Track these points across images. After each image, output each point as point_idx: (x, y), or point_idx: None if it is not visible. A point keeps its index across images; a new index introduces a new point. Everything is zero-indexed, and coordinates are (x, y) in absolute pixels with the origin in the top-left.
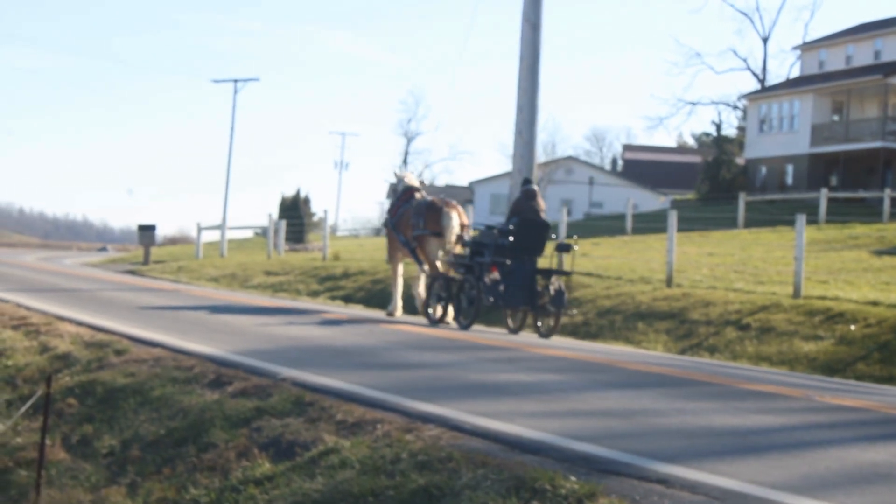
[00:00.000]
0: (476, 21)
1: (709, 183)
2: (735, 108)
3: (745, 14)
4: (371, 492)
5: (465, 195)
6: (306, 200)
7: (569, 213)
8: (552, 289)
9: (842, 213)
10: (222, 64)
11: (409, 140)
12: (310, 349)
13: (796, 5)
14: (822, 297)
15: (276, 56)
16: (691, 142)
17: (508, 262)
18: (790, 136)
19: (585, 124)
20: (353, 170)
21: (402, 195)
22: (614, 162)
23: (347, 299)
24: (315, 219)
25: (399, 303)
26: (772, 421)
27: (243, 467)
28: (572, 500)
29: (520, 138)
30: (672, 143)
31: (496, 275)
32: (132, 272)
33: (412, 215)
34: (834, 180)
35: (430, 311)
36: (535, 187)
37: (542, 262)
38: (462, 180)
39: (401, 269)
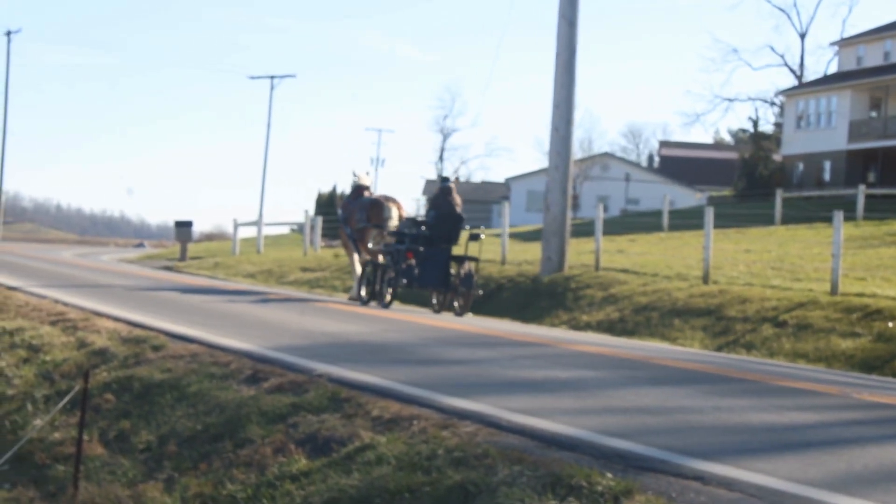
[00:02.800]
0: (512, 18)
1: (745, 179)
2: (772, 104)
3: (782, 10)
4: (407, 488)
5: (501, 191)
6: (342, 196)
7: (605, 209)
8: (462, 272)
9: (880, 209)
10: (259, 61)
11: (446, 136)
12: (345, 345)
13: (834, 1)
14: (860, 294)
15: (312, 53)
16: (728, 138)
17: (422, 248)
18: (828, 132)
19: (622, 121)
20: (389, 166)
21: (353, 193)
22: (651, 158)
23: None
24: None
25: (358, 289)
26: (809, 418)
27: (279, 463)
28: (608, 496)
29: (556, 134)
30: (709, 140)
31: (412, 260)
32: (169, 268)
33: (357, 210)
34: (872, 177)
35: (362, 292)
36: (452, 185)
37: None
38: (498, 177)
39: (357, 257)
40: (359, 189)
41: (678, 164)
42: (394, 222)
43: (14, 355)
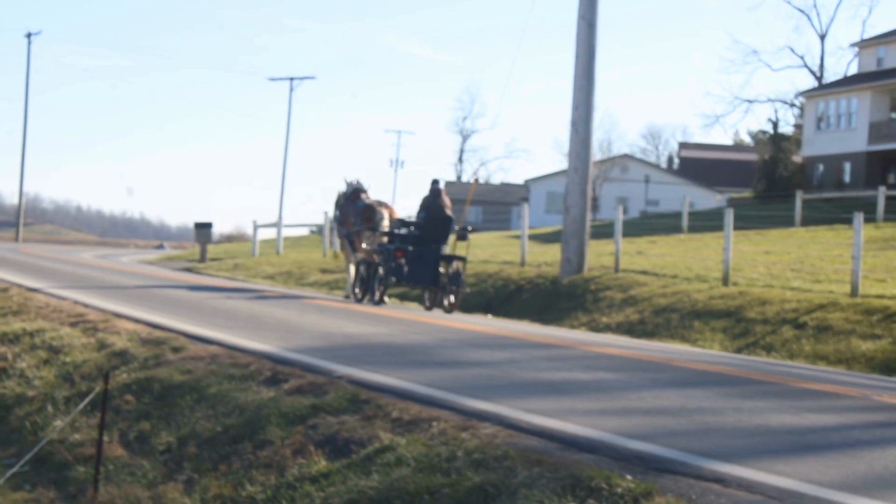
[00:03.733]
0: (532, 19)
1: (765, 181)
2: (792, 105)
3: (802, 11)
4: (427, 490)
5: (520, 193)
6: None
7: (624, 211)
8: (451, 270)
9: None
10: (277, 62)
11: (465, 138)
12: (365, 346)
13: (854, 2)
14: (880, 296)
15: (330, 55)
16: (748, 140)
17: (411, 248)
18: (848, 133)
19: (641, 122)
20: (409, 168)
21: (349, 196)
22: (670, 160)
23: (403, 297)
24: None
25: (354, 287)
26: (829, 420)
27: (299, 465)
28: (628, 498)
29: (576, 136)
30: (728, 141)
31: (402, 259)
32: (189, 269)
33: (352, 214)
34: (892, 178)
35: (356, 290)
36: (441, 187)
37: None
38: (518, 178)
39: (351, 258)
40: (355, 192)
41: (698, 166)
42: (386, 225)
43: (34, 356)
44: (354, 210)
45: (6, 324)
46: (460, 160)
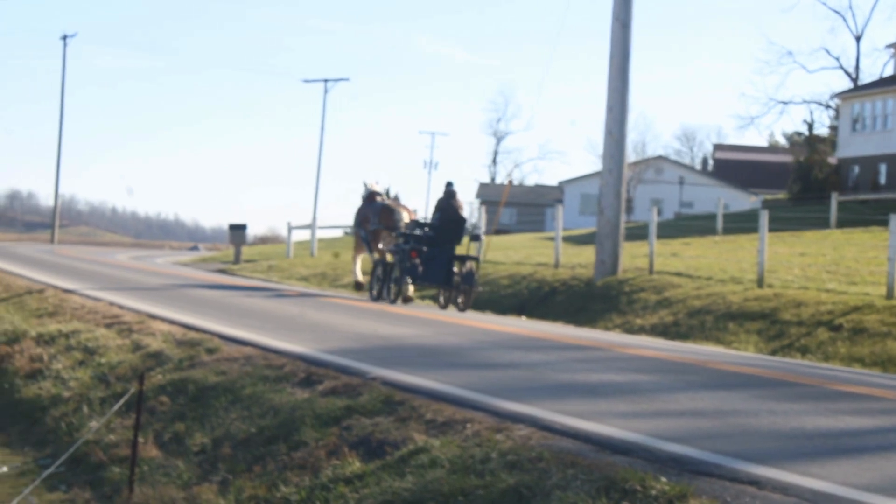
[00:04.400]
0: (566, 21)
1: (800, 183)
2: (827, 107)
3: (837, 12)
4: (461, 491)
5: (554, 195)
6: (396, 199)
7: (659, 212)
8: (464, 270)
9: None
10: (311, 64)
11: (499, 140)
12: (399, 348)
13: (890, 3)
14: None
15: (364, 57)
16: (783, 141)
17: (425, 248)
18: (883, 135)
19: (676, 124)
20: (443, 169)
21: (367, 199)
22: (705, 162)
23: (436, 299)
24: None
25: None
26: (864, 423)
27: (333, 466)
28: (663, 501)
29: (610, 138)
30: (763, 143)
31: (416, 259)
32: (223, 271)
33: (371, 214)
34: None
35: (375, 290)
36: (455, 189)
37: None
38: (552, 180)
39: (360, 258)
40: (371, 195)
41: (732, 168)
42: (404, 225)
43: (70, 357)
44: (373, 211)
45: (42, 325)
46: (494, 162)
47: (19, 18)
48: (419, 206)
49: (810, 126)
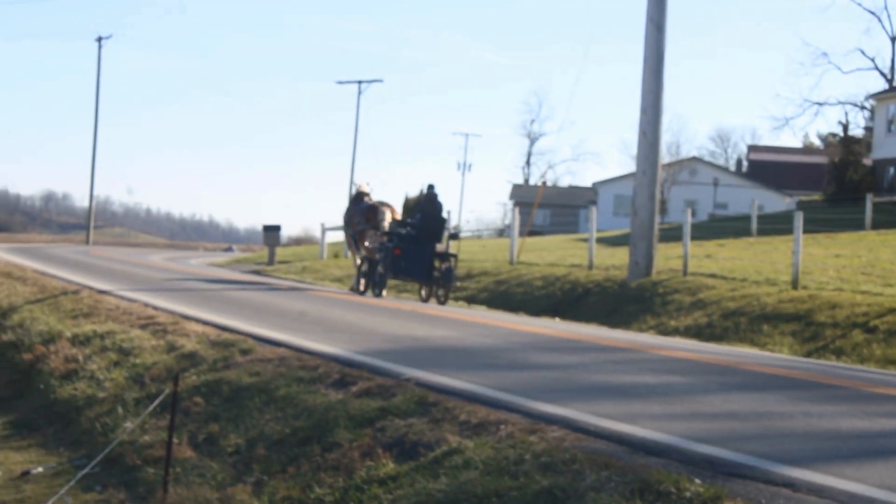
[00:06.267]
0: (599, 21)
1: (835, 184)
2: (862, 108)
3: (872, 13)
4: (495, 493)
5: (588, 196)
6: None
7: (693, 214)
8: (443, 267)
9: None
10: (343, 65)
11: (533, 141)
12: (432, 349)
13: None
14: None
15: (396, 59)
16: (817, 142)
17: (408, 246)
18: None
19: (710, 125)
20: (476, 171)
21: (354, 200)
22: (739, 163)
23: (470, 300)
24: None
25: (359, 281)
26: None
27: (367, 467)
28: (697, 503)
29: (644, 139)
30: (798, 144)
31: (399, 256)
32: (257, 272)
33: (357, 214)
34: None
35: (361, 285)
36: (436, 192)
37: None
38: (585, 181)
39: (358, 255)
40: (359, 196)
41: (767, 169)
42: (387, 224)
43: (105, 358)
44: (358, 211)
45: (77, 326)
46: (528, 163)
47: (55, 20)
48: (452, 207)
49: (845, 127)
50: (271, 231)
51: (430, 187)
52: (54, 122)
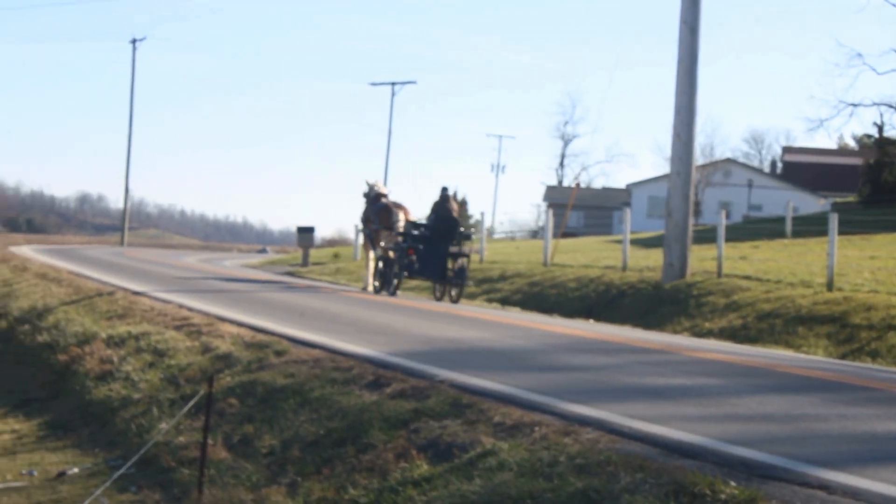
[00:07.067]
0: (632, 23)
1: (870, 185)
2: None
3: None
4: (529, 494)
5: (622, 197)
6: (463, 202)
7: (727, 215)
8: (456, 266)
9: None
10: (377, 67)
11: (566, 142)
12: (466, 351)
13: None
14: None
15: (429, 60)
16: (852, 144)
17: (421, 246)
18: None
19: (744, 126)
20: (510, 172)
21: (372, 200)
22: (774, 164)
23: (504, 302)
24: (472, 221)
25: (370, 280)
26: None
27: (402, 468)
28: None
29: (678, 140)
30: (833, 145)
31: (413, 256)
32: (291, 273)
33: (372, 214)
34: None
35: (377, 283)
36: (448, 194)
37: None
38: (619, 182)
39: (371, 254)
40: (377, 196)
41: (802, 170)
42: (401, 225)
43: (140, 359)
44: (374, 211)
45: (112, 327)
46: (562, 164)
47: (90, 22)
48: (486, 208)
49: (880, 128)
50: (305, 232)
51: (444, 189)
52: (89, 123)
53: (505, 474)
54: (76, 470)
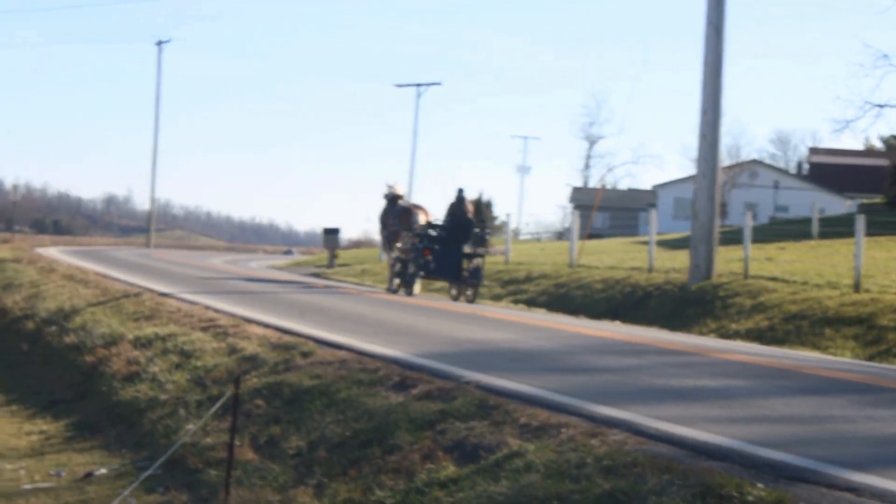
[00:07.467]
0: (657, 24)
1: None
2: None
3: None
4: (556, 496)
5: (647, 199)
6: (489, 204)
7: (753, 217)
8: (472, 266)
9: None
10: (401, 69)
11: (592, 144)
12: (492, 352)
13: None
14: None
15: (454, 62)
16: (879, 145)
17: (437, 247)
18: None
19: (770, 128)
20: (535, 173)
21: (390, 202)
22: (800, 165)
23: (530, 303)
24: (497, 222)
25: (392, 280)
26: None
27: (428, 469)
28: None
29: (704, 141)
30: (859, 146)
31: (429, 256)
32: (317, 275)
33: (392, 216)
34: None
35: (394, 283)
36: (464, 195)
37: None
38: (645, 184)
39: (388, 255)
40: (394, 198)
41: (828, 171)
42: (420, 226)
43: (167, 361)
44: (394, 213)
45: (139, 328)
46: (587, 166)
47: (116, 25)
48: (511, 210)
49: None
50: (331, 234)
51: (459, 191)
52: (115, 125)
53: (532, 476)
54: (104, 471)
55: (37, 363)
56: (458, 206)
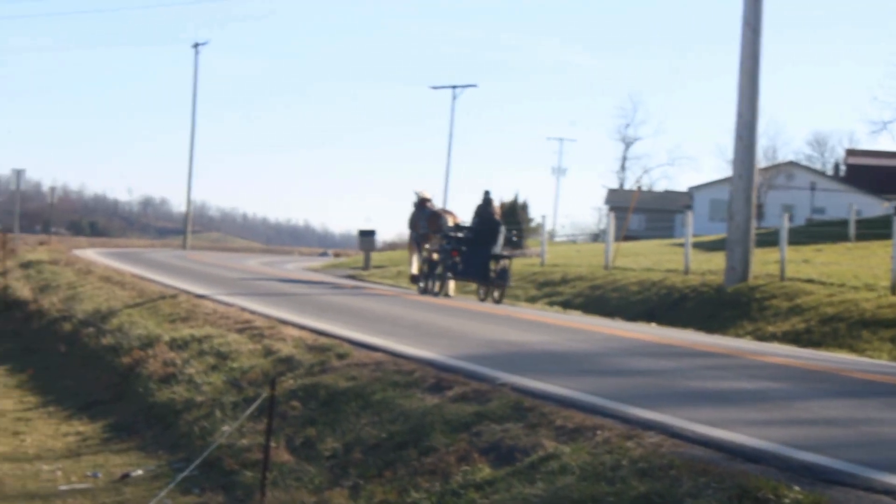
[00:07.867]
0: (694, 24)
1: None
2: None
3: None
4: (591, 498)
5: (683, 201)
6: (524, 206)
7: (790, 218)
8: (499, 267)
9: None
10: (437, 71)
11: (628, 145)
12: (528, 354)
13: None
14: None
15: (489, 63)
16: None
17: (464, 248)
18: None
19: (807, 129)
20: (571, 175)
21: (418, 205)
22: (837, 167)
23: (566, 305)
24: (533, 224)
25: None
26: None
27: (463, 471)
28: None
29: (740, 143)
30: None
31: (457, 257)
32: (352, 277)
33: (421, 219)
34: None
35: (423, 284)
36: (491, 197)
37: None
38: (681, 186)
39: (416, 257)
40: (423, 202)
41: (865, 173)
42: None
43: (203, 362)
44: (422, 216)
45: (175, 330)
46: (623, 167)
47: (151, 27)
48: (547, 211)
49: None
50: (367, 236)
51: (486, 193)
52: (152, 127)
53: (567, 478)
54: (140, 472)
55: (74, 364)
56: (484, 207)
